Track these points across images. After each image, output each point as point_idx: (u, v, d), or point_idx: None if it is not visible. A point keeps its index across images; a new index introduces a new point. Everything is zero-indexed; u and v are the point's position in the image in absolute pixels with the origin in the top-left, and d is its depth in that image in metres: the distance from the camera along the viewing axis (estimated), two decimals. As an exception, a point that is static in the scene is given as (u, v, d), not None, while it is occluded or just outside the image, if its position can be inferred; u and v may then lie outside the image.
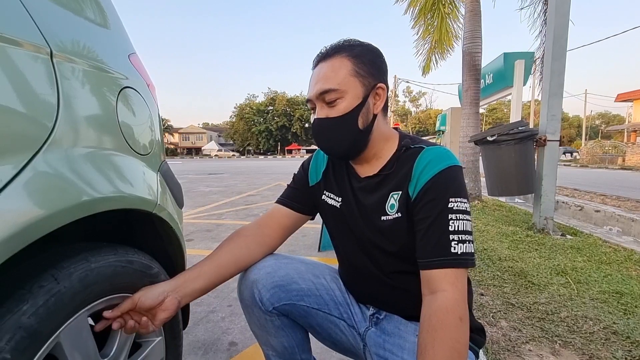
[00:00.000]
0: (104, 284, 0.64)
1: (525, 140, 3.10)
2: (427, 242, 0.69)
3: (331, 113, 0.75)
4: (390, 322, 0.82)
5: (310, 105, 0.79)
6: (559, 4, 3.08)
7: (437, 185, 0.70)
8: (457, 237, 0.67)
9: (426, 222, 0.70)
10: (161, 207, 0.84)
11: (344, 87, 0.73)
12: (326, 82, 0.73)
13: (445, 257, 0.66)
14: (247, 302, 0.84)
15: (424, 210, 0.70)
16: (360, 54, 0.75)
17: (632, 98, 23.32)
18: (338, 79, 0.73)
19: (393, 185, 0.76)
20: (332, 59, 0.75)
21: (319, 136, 0.79)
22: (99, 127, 0.71)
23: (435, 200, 0.69)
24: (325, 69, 0.75)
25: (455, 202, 0.69)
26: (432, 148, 0.75)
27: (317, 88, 0.74)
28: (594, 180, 9.83)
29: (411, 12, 5.83)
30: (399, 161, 0.77)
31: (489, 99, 6.99)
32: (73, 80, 0.65)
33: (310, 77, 0.79)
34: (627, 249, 2.64)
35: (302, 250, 2.80)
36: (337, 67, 0.73)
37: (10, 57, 0.52)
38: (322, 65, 0.76)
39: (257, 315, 0.84)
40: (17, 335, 0.50)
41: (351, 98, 0.73)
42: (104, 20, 0.86)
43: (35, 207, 0.50)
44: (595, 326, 1.50)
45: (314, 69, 0.79)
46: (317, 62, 0.78)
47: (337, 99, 0.73)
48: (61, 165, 0.58)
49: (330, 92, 0.73)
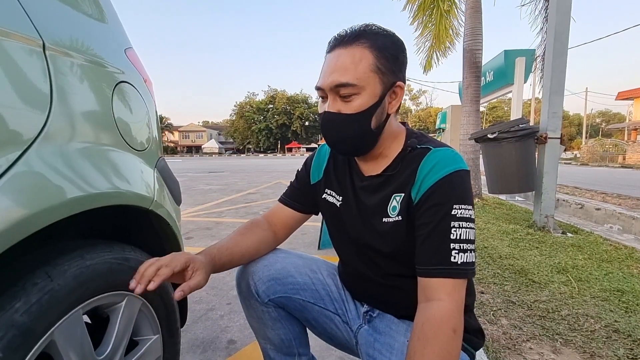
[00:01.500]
0: (99, 281, 0.63)
1: (526, 137, 3.08)
2: (427, 249, 0.66)
3: (344, 108, 0.69)
4: (383, 320, 0.81)
5: (321, 93, 0.72)
6: (560, 1, 3.06)
7: (442, 190, 0.67)
8: (458, 246, 0.64)
9: (427, 227, 0.67)
10: (158, 204, 0.83)
11: (362, 83, 0.67)
12: (343, 74, 0.66)
13: (445, 266, 0.64)
14: (245, 294, 0.85)
15: (426, 216, 0.67)
16: (383, 46, 0.68)
17: (632, 96, 23.27)
18: (357, 73, 0.66)
19: (396, 187, 0.73)
20: (353, 47, 0.67)
21: (327, 130, 0.73)
22: (94, 122, 0.70)
23: (439, 206, 0.66)
24: (343, 58, 0.67)
25: (460, 209, 0.65)
26: (439, 150, 0.71)
27: (333, 79, 0.67)
28: (595, 178, 9.82)
29: (410, 9, 5.80)
30: (403, 162, 0.74)
31: (489, 96, 6.97)
32: (67, 74, 0.64)
33: (325, 61, 0.71)
34: (628, 246, 2.63)
35: (302, 248, 2.79)
36: (358, 59, 0.66)
37: (1, 49, 0.51)
38: (341, 52, 0.68)
39: (254, 307, 0.85)
40: (10, 334, 0.49)
41: (368, 96, 0.68)
42: (100, 13, 0.84)
43: (28, 202, 0.49)
44: (596, 324, 1.49)
45: (329, 52, 0.71)
46: (334, 46, 0.70)
47: (353, 94, 0.67)
48: (55, 160, 0.57)
49: (347, 86, 0.67)
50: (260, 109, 61.81)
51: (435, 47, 6.01)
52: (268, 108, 61.87)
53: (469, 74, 4.89)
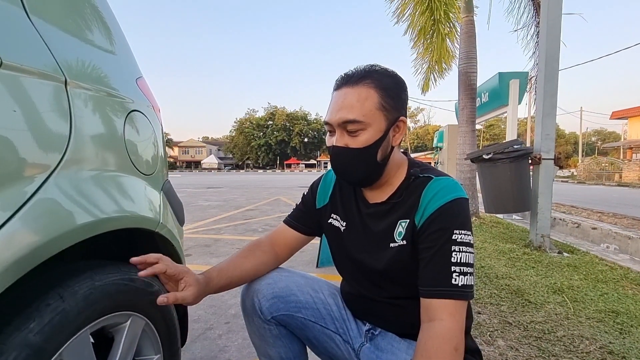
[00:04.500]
0: (107, 301, 0.66)
1: (520, 158, 3.15)
2: (429, 272, 0.70)
3: (351, 143, 0.74)
4: (385, 338, 0.85)
5: (329, 127, 0.78)
6: (550, 28, 3.19)
7: (444, 216, 0.71)
8: (459, 269, 0.68)
9: (430, 251, 0.71)
10: (163, 225, 0.87)
11: (369, 120, 0.72)
12: (350, 112, 0.72)
13: (446, 288, 0.67)
14: (248, 310, 0.88)
15: (429, 240, 0.71)
16: (387, 86, 0.73)
17: (626, 116, 23.70)
18: (363, 111, 0.71)
19: (401, 214, 0.78)
20: (359, 87, 0.73)
21: (336, 163, 0.79)
22: (107, 149, 0.75)
23: (441, 231, 0.70)
24: (350, 97, 0.72)
25: (460, 234, 0.70)
26: (441, 179, 0.76)
27: (340, 116, 0.73)
28: (591, 196, 9.88)
29: (410, 33, 5.98)
30: (407, 190, 0.78)
31: (485, 116, 7.11)
32: (84, 106, 0.69)
33: (332, 98, 0.77)
34: (624, 267, 2.65)
35: (301, 266, 2.80)
36: (364, 98, 0.72)
37: (29, 86, 0.56)
38: (348, 91, 0.73)
39: (257, 324, 0.87)
40: (23, 353, 0.51)
41: (374, 131, 0.73)
42: (113, 47, 0.90)
43: (48, 228, 0.53)
44: (591, 346, 1.50)
45: (336, 90, 0.76)
46: (342, 84, 0.75)
47: (360, 130, 0.72)
48: (71, 187, 0.61)
49: (354, 122, 0.72)
50: (260, 125, 62.41)
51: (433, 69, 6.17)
52: (268, 124, 62.48)
53: (464, 95, 5.02)
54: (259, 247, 0.93)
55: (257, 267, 0.89)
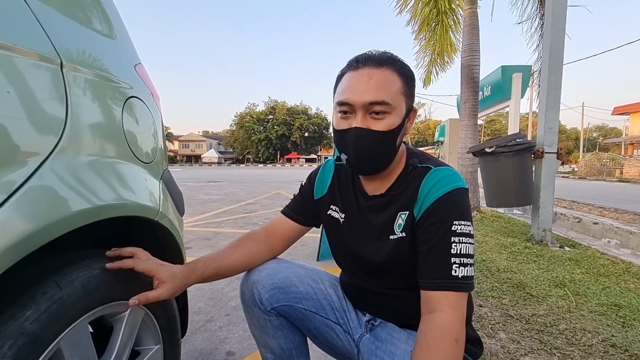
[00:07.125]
0: (105, 290, 0.65)
1: (523, 152, 3.12)
2: (429, 263, 0.69)
3: (374, 125, 0.70)
4: (385, 328, 0.84)
5: (345, 107, 0.71)
6: (555, 20, 3.14)
7: (443, 207, 0.70)
8: (458, 260, 0.67)
9: (429, 243, 0.70)
10: (163, 215, 0.85)
11: (395, 104, 0.69)
12: (380, 93, 0.68)
13: (446, 279, 0.66)
14: (248, 302, 0.87)
15: (428, 232, 0.70)
16: (406, 74, 0.72)
17: (628, 111, 23.58)
18: (391, 93, 0.69)
19: (400, 205, 0.76)
20: (384, 69, 0.69)
21: (355, 145, 0.71)
22: (105, 135, 0.73)
23: (440, 222, 0.69)
24: (377, 77, 0.69)
25: (460, 225, 0.69)
26: (440, 169, 0.75)
27: (369, 96, 0.68)
28: (592, 192, 9.86)
29: (412, 25, 5.92)
30: (406, 180, 0.77)
31: (487, 110, 7.06)
32: (81, 90, 0.67)
33: (349, 79, 0.71)
34: (625, 261, 2.65)
35: (301, 259, 2.79)
36: (390, 80, 0.69)
37: (23, 68, 0.54)
38: (373, 71, 0.69)
39: (257, 315, 0.87)
40: (19, 341, 0.50)
41: (397, 116, 0.70)
42: (111, 31, 0.88)
43: (42, 214, 0.51)
44: (593, 339, 1.50)
45: (354, 70, 0.71)
46: (362, 64, 0.70)
47: (386, 112, 0.69)
48: (67, 173, 0.59)
49: (383, 104, 0.68)
50: (260, 120, 62.23)
51: (435, 61, 6.12)
52: (268, 119, 62.31)
53: (466, 88, 4.98)
54: (250, 238, 0.92)
55: (248, 257, 0.88)
